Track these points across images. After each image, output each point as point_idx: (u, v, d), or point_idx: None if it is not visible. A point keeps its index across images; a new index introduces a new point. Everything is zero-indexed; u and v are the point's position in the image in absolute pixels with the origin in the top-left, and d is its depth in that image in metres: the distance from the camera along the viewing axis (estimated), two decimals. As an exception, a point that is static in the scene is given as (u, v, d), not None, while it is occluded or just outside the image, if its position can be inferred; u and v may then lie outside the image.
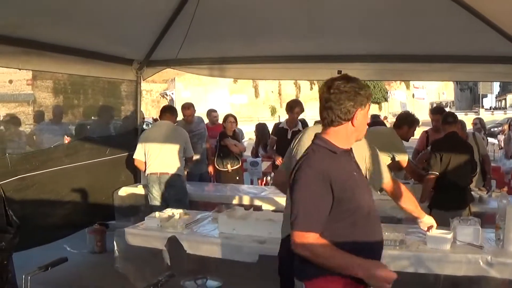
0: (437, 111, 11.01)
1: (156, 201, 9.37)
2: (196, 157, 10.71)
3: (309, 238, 3.72)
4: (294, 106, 11.02)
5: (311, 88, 65.97)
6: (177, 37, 9.41)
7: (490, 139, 25.79)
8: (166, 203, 9.27)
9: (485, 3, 7.75)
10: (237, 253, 6.27)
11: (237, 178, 12.56)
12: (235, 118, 13.08)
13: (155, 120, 11.22)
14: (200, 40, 9.55)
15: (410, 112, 10.08)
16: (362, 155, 5.18)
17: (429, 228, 5.64)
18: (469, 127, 13.55)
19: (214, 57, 10.93)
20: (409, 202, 5.47)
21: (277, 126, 11.71)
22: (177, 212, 7.39)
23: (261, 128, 16.13)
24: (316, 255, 3.75)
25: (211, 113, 14.36)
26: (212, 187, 11.09)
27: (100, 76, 10.26)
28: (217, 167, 12.51)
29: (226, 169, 12.36)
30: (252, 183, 14.32)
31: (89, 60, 9.58)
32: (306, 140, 5.14)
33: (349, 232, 3.86)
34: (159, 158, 9.41)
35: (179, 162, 9.57)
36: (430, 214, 6.81)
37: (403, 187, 5.49)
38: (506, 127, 25.50)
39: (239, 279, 7.01)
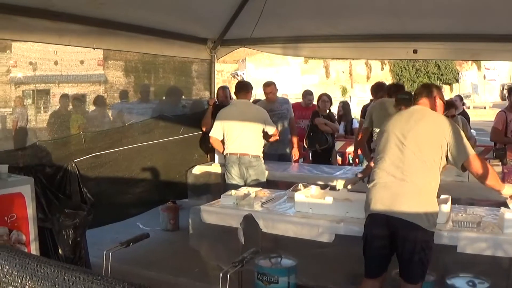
0: None
1: (234, 181, 9.20)
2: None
3: None
4: (378, 91, 10.75)
5: (382, 69, 65.33)
6: (251, 15, 9.36)
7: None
8: (244, 183, 9.19)
9: None
10: (313, 232, 6.17)
11: (330, 159, 12.41)
12: (329, 97, 12.97)
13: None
14: (275, 18, 9.50)
15: None
16: (441, 130, 5.32)
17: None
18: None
19: (288, 36, 10.85)
20: (492, 178, 5.47)
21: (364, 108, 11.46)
22: (253, 191, 7.34)
23: (346, 107, 15.88)
24: None
25: (306, 95, 14.19)
26: (288, 166, 10.93)
27: (173, 55, 10.29)
28: (305, 146, 12.46)
29: (315, 149, 12.26)
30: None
31: (163, 39, 9.64)
32: None
33: None
34: (240, 138, 9.22)
35: (258, 142, 9.43)
36: None
37: (486, 164, 5.46)
38: None
39: (313, 259, 6.97)
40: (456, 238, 5.60)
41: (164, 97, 10.78)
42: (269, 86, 11.51)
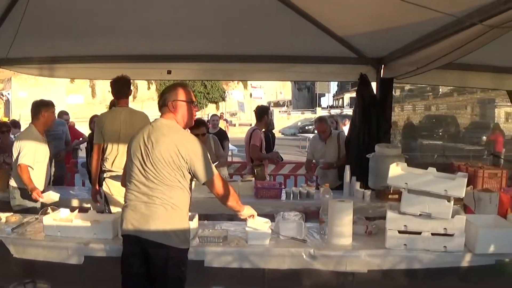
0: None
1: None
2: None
3: None
4: None
5: (149, 88, 65.74)
6: (7, 35, 9.14)
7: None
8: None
9: (312, 4, 7.99)
10: (62, 255, 6.12)
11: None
12: None
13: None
14: (31, 39, 9.32)
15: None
16: (178, 151, 5.27)
17: (250, 216, 5.95)
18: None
19: (44, 56, 10.79)
20: (232, 200, 5.67)
21: None
22: (3, 216, 7.14)
23: None
24: None
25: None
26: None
27: None
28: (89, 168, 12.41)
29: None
30: (84, 184, 13.99)
31: None
32: None
33: None
34: None
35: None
36: None
37: (227, 186, 5.61)
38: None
39: (68, 282, 6.95)
40: (202, 253, 5.87)
41: None
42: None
